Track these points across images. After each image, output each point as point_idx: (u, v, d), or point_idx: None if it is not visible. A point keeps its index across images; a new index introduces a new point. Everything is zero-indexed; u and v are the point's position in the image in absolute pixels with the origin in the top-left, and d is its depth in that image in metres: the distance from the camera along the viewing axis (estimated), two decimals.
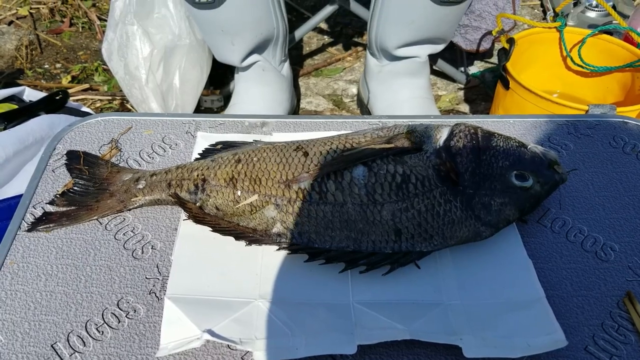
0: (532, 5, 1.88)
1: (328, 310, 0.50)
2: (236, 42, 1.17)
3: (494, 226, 0.54)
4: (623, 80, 1.16)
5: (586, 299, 0.53)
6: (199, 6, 1.08)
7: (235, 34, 1.16)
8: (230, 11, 1.10)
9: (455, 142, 0.57)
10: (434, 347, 0.48)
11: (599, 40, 1.18)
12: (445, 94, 1.55)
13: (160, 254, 0.57)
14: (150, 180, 0.61)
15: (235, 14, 1.11)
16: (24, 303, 0.52)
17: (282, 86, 1.32)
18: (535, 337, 0.47)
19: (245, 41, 1.18)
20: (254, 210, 0.56)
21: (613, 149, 0.68)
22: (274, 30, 1.21)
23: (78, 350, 0.49)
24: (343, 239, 0.54)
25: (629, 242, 0.58)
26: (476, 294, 0.52)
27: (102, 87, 1.56)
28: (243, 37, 1.17)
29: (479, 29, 1.41)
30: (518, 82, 1.08)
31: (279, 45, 1.27)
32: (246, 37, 1.17)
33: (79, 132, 0.71)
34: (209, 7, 1.08)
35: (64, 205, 0.61)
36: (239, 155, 0.59)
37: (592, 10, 1.56)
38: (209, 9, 1.09)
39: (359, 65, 1.64)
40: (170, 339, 0.47)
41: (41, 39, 1.72)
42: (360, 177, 0.55)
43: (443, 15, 1.11)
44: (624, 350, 0.49)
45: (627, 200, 0.62)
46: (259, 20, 1.16)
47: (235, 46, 1.18)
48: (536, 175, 0.55)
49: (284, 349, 0.47)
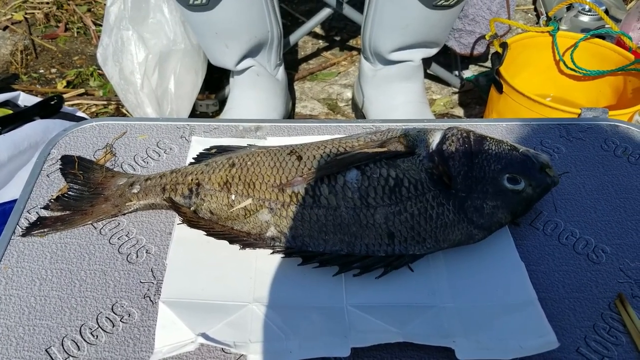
0: (525, 9, 1.89)
1: (322, 313, 0.50)
2: (230, 45, 1.17)
3: (486, 229, 0.55)
4: (615, 84, 1.16)
5: (578, 301, 0.53)
6: (193, 8, 1.08)
7: (229, 36, 1.16)
8: (224, 13, 1.10)
9: (447, 145, 0.57)
10: (427, 350, 0.48)
11: (592, 45, 1.19)
12: (439, 97, 1.56)
13: (154, 258, 0.57)
14: (144, 185, 0.61)
15: (229, 16, 1.11)
16: (18, 308, 0.52)
17: (276, 91, 1.32)
18: (528, 339, 0.47)
19: (239, 44, 1.18)
20: (248, 214, 0.56)
21: (604, 152, 0.69)
22: (268, 34, 1.21)
23: (72, 354, 0.49)
24: (337, 242, 0.54)
25: (620, 244, 0.58)
26: (469, 296, 0.52)
27: (97, 92, 1.56)
28: (237, 40, 1.17)
29: (473, 33, 1.42)
30: (511, 86, 1.09)
31: (273, 49, 1.27)
32: (240, 40, 1.17)
33: (74, 136, 0.71)
34: (202, 9, 1.08)
35: (59, 210, 0.61)
36: (233, 159, 0.60)
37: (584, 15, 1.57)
38: (203, 11, 1.09)
39: (353, 70, 1.65)
40: (164, 343, 0.47)
41: (36, 44, 1.72)
42: (354, 181, 0.55)
43: (436, 20, 1.12)
44: (616, 351, 0.49)
45: (618, 203, 0.63)
46: (253, 23, 1.16)
47: (229, 49, 1.18)
48: (528, 178, 0.56)
49: (278, 352, 0.47)
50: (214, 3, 1.07)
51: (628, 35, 1.17)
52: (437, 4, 1.07)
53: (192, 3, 1.07)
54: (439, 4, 1.07)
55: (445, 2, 1.06)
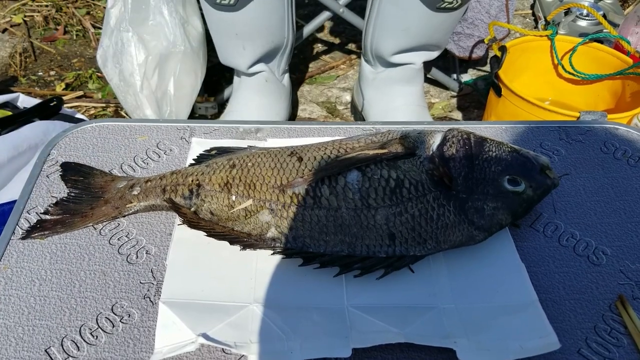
0: (523, 14, 1.90)
1: (323, 314, 0.50)
2: (247, 46, 1.18)
3: (487, 230, 0.55)
4: (614, 88, 1.17)
5: (579, 302, 0.53)
6: (219, 7, 1.09)
7: (249, 38, 1.16)
8: (249, 16, 1.10)
9: (448, 147, 0.57)
10: (428, 350, 0.48)
11: (590, 49, 1.20)
12: (438, 101, 1.56)
13: (154, 259, 0.57)
14: (145, 187, 0.61)
15: (252, 19, 1.11)
16: (17, 308, 0.52)
17: (281, 97, 1.33)
18: (529, 340, 0.47)
19: (256, 47, 1.19)
20: (249, 215, 0.56)
21: (604, 155, 0.69)
22: (284, 40, 1.22)
23: (72, 355, 0.48)
24: (337, 243, 0.54)
25: (620, 246, 0.58)
26: (470, 297, 0.52)
27: (96, 94, 1.56)
28: (255, 43, 1.18)
29: (472, 37, 1.42)
30: (510, 90, 1.09)
31: (285, 56, 1.28)
32: (258, 44, 1.18)
33: (74, 137, 0.71)
34: (228, 10, 1.09)
35: (59, 213, 0.60)
36: (233, 160, 0.60)
37: (583, 19, 1.58)
38: (228, 11, 1.09)
39: (352, 73, 1.65)
40: (164, 343, 0.47)
41: (35, 47, 1.72)
42: (354, 182, 0.55)
43: (439, 22, 1.12)
44: (617, 352, 0.49)
45: (618, 205, 0.63)
46: (273, 28, 1.17)
47: (246, 51, 1.19)
48: (528, 180, 0.56)
49: (279, 353, 0.47)
50: (241, 4, 1.07)
51: (626, 39, 1.17)
52: (440, 6, 1.07)
53: (220, 2, 1.07)
54: (442, 7, 1.07)
55: (449, 5, 1.07)
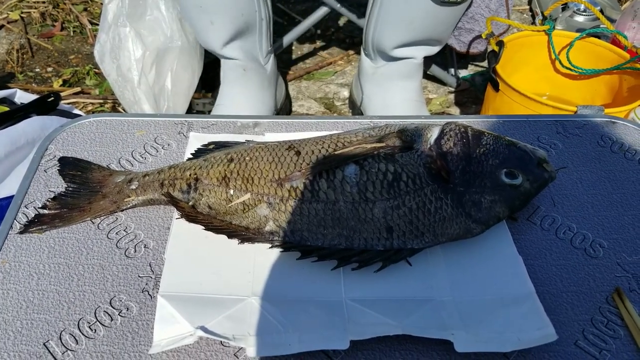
0: (521, 10, 1.90)
1: (321, 306, 0.51)
2: (215, 21, 1.15)
3: (484, 223, 0.55)
4: (611, 83, 1.17)
5: (576, 294, 0.53)
6: None
7: (214, 11, 1.13)
8: None
9: (445, 140, 0.57)
10: (425, 342, 0.48)
11: (587, 44, 1.20)
12: (435, 97, 1.56)
13: (152, 253, 0.57)
14: (143, 181, 0.61)
15: None
16: (16, 302, 0.52)
17: (264, 84, 1.31)
18: (526, 332, 0.48)
19: (225, 22, 1.15)
20: (247, 208, 0.56)
21: (601, 148, 0.69)
22: (256, 14, 1.18)
23: (71, 348, 0.49)
24: (335, 236, 0.54)
25: (617, 239, 0.59)
26: (467, 290, 0.52)
27: (93, 90, 1.55)
28: (222, 17, 1.14)
29: (472, 31, 1.42)
30: (508, 84, 1.09)
31: (263, 35, 1.25)
32: (225, 17, 1.15)
33: (71, 132, 0.71)
34: None
35: (57, 208, 0.60)
36: (231, 154, 0.60)
37: (580, 15, 1.58)
38: None
39: (350, 69, 1.65)
40: (163, 336, 0.47)
41: (32, 43, 1.72)
42: (352, 176, 0.55)
43: (443, 16, 1.12)
44: (613, 344, 0.49)
45: (615, 198, 0.63)
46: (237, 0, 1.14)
47: (215, 26, 1.16)
48: (526, 173, 0.56)
49: (277, 345, 0.47)
50: None
51: (623, 34, 1.17)
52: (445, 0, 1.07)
53: None
54: (447, 0, 1.07)
55: None
